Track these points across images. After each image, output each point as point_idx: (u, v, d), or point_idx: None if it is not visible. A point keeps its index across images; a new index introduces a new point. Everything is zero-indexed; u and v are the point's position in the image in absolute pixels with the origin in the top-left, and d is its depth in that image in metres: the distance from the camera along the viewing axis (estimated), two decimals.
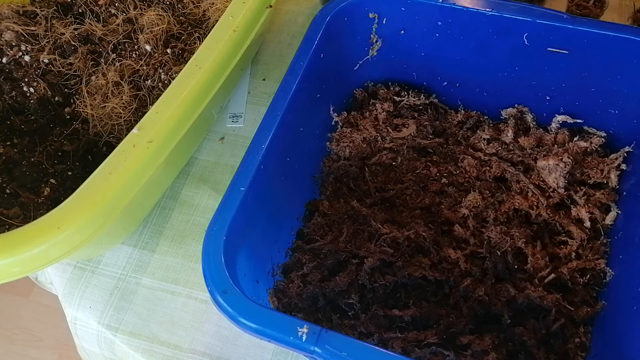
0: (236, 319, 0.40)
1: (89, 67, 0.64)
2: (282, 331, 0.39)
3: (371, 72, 0.66)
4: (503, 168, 0.60)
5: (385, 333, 0.50)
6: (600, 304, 0.52)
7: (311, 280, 0.54)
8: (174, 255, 0.61)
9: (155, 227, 0.63)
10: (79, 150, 0.60)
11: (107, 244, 0.60)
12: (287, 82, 0.53)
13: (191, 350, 0.55)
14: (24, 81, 0.63)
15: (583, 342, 0.50)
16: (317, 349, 0.38)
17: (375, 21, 0.62)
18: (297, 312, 0.52)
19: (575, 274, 0.53)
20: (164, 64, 0.63)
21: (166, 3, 0.70)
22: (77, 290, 0.59)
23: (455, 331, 0.50)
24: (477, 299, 0.51)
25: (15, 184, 0.56)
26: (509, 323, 0.50)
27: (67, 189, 0.56)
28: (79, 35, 0.66)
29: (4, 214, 0.53)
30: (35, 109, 0.63)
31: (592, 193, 0.58)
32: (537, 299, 0.51)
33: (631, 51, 0.54)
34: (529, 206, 0.57)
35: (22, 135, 0.61)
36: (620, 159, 0.59)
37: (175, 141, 0.52)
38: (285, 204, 0.57)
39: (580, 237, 0.55)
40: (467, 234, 0.56)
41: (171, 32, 0.66)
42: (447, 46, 0.61)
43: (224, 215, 0.45)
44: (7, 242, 0.43)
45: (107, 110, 0.60)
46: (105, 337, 0.58)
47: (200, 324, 0.57)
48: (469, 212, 0.57)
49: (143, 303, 0.58)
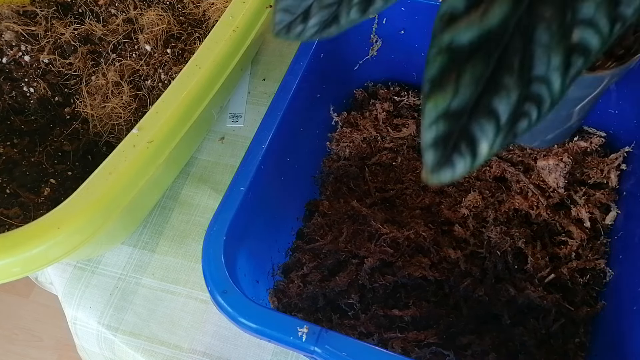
0: (236, 319, 0.40)
1: (89, 67, 0.64)
2: (282, 331, 0.40)
3: (371, 72, 0.66)
4: (503, 168, 0.60)
5: (385, 333, 0.50)
6: (600, 304, 0.52)
7: (311, 280, 0.54)
8: (174, 255, 0.61)
9: (155, 227, 0.63)
10: (79, 150, 0.60)
11: (107, 244, 0.60)
12: (287, 82, 0.53)
13: (191, 350, 0.55)
14: (24, 81, 0.63)
15: (583, 342, 0.50)
16: (317, 349, 0.39)
17: (375, 21, 0.62)
18: (297, 312, 0.52)
19: (575, 274, 0.53)
20: (164, 64, 0.63)
21: (166, 3, 0.70)
22: (77, 290, 0.59)
23: (455, 331, 0.50)
24: (477, 299, 0.51)
25: (15, 184, 0.56)
26: (509, 323, 0.50)
27: (67, 189, 0.56)
28: (79, 35, 0.66)
29: (4, 214, 0.53)
30: (35, 109, 0.63)
31: (592, 193, 0.58)
32: (537, 299, 0.51)
33: None
34: (529, 206, 0.57)
35: (22, 135, 0.61)
36: (620, 159, 0.59)
37: (175, 141, 0.52)
38: (285, 204, 0.57)
39: (580, 237, 0.55)
40: (467, 234, 0.56)
41: (171, 32, 0.66)
42: None
43: (224, 215, 0.45)
44: (7, 242, 0.43)
45: (107, 110, 0.60)
46: (105, 337, 0.58)
47: (200, 324, 0.57)
48: (469, 212, 0.57)
49: (143, 303, 0.58)
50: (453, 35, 0.20)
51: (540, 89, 0.20)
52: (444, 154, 0.21)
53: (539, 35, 0.20)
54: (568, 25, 0.20)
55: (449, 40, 0.20)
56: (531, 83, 0.20)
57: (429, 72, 0.21)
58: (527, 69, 0.20)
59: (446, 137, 0.21)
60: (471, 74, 0.20)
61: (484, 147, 0.20)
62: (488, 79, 0.20)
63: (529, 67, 0.20)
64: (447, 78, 0.20)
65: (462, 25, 0.20)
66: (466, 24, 0.20)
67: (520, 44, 0.20)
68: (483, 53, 0.20)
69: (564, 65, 0.20)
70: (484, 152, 0.20)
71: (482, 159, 0.21)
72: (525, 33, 0.20)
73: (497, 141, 0.20)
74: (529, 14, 0.20)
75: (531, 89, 0.20)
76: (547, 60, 0.20)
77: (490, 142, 0.20)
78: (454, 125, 0.21)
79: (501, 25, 0.20)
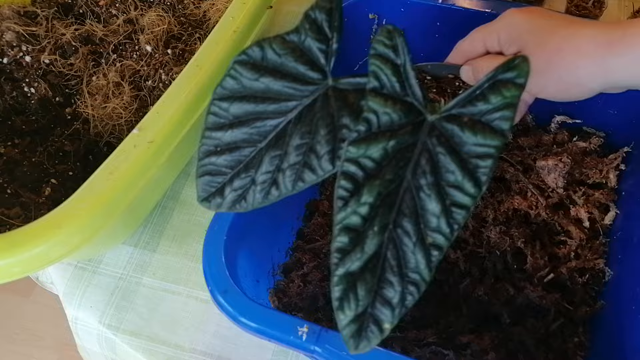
0: (237, 319, 0.41)
1: (89, 67, 0.64)
2: (282, 331, 0.40)
3: None
4: (502, 168, 0.60)
5: None
6: (599, 303, 0.52)
7: (311, 279, 0.54)
8: (175, 255, 0.61)
9: (156, 226, 0.63)
10: (80, 151, 0.60)
11: (108, 244, 0.60)
12: None
13: (192, 349, 0.55)
14: (24, 81, 0.63)
15: (582, 341, 0.50)
16: (317, 349, 0.39)
17: (375, 22, 0.62)
18: (297, 312, 0.52)
19: (575, 274, 0.53)
20: (164, 65, 0.63)
21: (167, 4, 0.70)
22: (78, 290, 0.59)
23: (454, 330, 0.50)
24: (476, 298, 0.51)
25: (16, 184, 0.56)
26: (508, 323, 0.51)
27: (68, 189, 0.56)
28: (80, 36, 0.66)
29: (5, 214, 0.53)
30: (36, 109, 0.63)
31: (591, 193, 0.58)
32: (536, 299, 0.51)
33: None
34: (528, 206, 0.57)
35: (23, 136, 0.61)
36: (619, 159, 0.59)
37: (176, 141, 0.52)
38: (285, 203, 0.57)
39: (579, 237, 0.55)
40: (466, 234, 0.56)
41: (172, 32, 0.66)
42: (447, 46, 0.61)
43: (224, 215, 0.45)
44: (8, 242, 0.43)
45: (107, 110, 0.60)
46: (106, 337, 0.58)
47: (200, 324, 0.57)
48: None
49: (144, 303, 0.58)
50: (347, 266, 0.30)
51: (415, 276, 0.30)
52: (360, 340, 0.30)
53: (406, 244, 0.30)
54: (422, 233, 0.30)
55: (344, 270, 0.30)
56: (408, 274, 0.30)
57: (334, 295, 0.31)
58: (403, 267, 0.30)
59: (359, 330, 0.30)
60: (364, 286, 0.30)
61: (386, 324, 0.30)
62: (379, 280, 0.30)
63: (405, 265, 0.30)
64: (348, 295, 0.30)
65: (352, 257, 0.30)
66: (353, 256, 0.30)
67: (394, 252, 0.30)
68: (369, 270, 0.30)
69: (427, 260, 0.30)
70: (388, 327, 0.30)
71: (387, 332, 0.30)
72: (395, 245, 0.30)
73: (394, 317, 0.30)
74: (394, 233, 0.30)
75: (409, 277, 0.30)
76: (415, 258, 0.30)
77: (390, 320, 0.30)
78: (362, 322, 0.30)
79: (376, 251, 0.30)
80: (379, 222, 0.30)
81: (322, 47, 0.34)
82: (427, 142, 0.30)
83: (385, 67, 0.31)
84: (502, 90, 0.29)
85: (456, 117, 0.30)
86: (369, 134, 0.30)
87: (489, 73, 0.30)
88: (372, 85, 0.31)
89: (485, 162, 0.29)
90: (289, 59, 0.34)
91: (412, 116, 0.30)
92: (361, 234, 0.30)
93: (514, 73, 0.29)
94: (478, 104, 0.30)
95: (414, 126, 0.30)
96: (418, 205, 0.30)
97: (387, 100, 0.31)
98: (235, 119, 0.35)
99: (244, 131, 0.35)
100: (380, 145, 0.30)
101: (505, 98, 0.29)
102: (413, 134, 0.30)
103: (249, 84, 0.34)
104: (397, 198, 0.30)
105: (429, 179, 0.30)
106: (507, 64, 0.29)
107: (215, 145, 0.36)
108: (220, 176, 0.36)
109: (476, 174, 0.29)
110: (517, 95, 0.29)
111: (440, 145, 0.30)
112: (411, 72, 0.31)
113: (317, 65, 0.34)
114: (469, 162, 0.29)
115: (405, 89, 0.31)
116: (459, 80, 0.48)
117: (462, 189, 0.29)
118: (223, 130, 0.35)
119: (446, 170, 0.30)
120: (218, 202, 0.36)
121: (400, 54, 0.31)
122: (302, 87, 0.34)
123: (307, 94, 0.34)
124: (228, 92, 0.35)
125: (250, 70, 0.34)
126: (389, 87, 0.31)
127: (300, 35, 0.34)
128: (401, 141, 0.30)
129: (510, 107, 0.29)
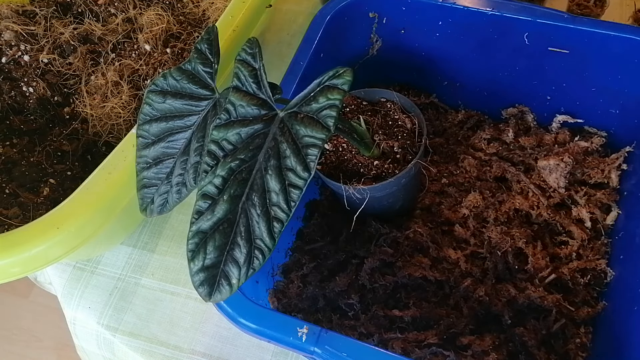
0: (236, 320, 0.40)
1: (88, 66, 0.64)
2: (281, 331, 0.39)
3: (371, 72, 0.66)
4: (503, 168, 0.60)
5: (385, 333, 0.50)
6: (601, 304, 0.52)
7: (311, 280, 0.53)
8: (174, 255, 0.61)
9: (154, 227, 0.63)
10: (79, 150, 0.60)
11: (107, 244, 0.60)
12: (287, 82, 0.53)
13: (191, 350, 0.55)
14: (23, 81, 0.63)
15: (584, 342, 0.50)
16: (317, 350, 0.38)
17: (375, 21, 0.61)
18: (297, 313, 0.52)
19: (576, 274, 0.53)
20: (163, 64, 0.63)
21: (166, 2, 0.70)
22: (76, 290, 0.59)
23: (455, 331, 0.50)
24: (477, 299, 0.51)
25: (14, 183, 0.56)
26: (510, 323, 0.50)
27: (67, 188, 0.56)
28: (79, 35, 0.66)
29: (4, 214, 0.53)
30: (34, 109, 0.63)
31: (593, 193, 0.58)
32: (537, 299, 0.51)
33: (632, 51, 0.54)
34: (529, 206, 0.57)
35: (22, 135, 0.61)
36: (621, 159, 0.59)
37: None
38: None
39: (581, 237, 0.55)
40: (467, 234, 0.56)
41: (171, 31, 0.66)
42: (448, 46, 0.61)
43: None
44: (7, 242, 0.43)
45: (106, 110, 0.60)
46: (104, 338, 0.58)
47: (199, 325, 0.57)
48: (469, 212, 0.57)
49: (142, 303, 0.58)
50: (199, 225, 0.36)
51: (260, 243, 0.36)
52: (211, 288, 0.36)
53: (253, 215, 0.36)
54: (267, 207, 0.36)
55: (197, 228, 0.36)
56: (255, 241, 0.36)
57: (189, 247, 0.36)
58: (251, 234, 0.36)
59: (209, 279, 0.36)
60: (212, 244, 0.36)
61: (234, 280, 0.36)
62: (230, 242, 0.36)
63: (252, 232, 0.36)
64: (199, 249, 0.36)
65: (203, 218, 0.36)
66: (204, 217, 0.36)
67: (245, 221, 0.36)
68: (220, 232, 0.36)
69: (268, 229, 0.36)
70: (235, 283, 0.36)
71: (236, 287, 0.36)
72: (246, 215, 0.36)
73: (241, 275, 0.36)
74: (246, 205, 0.36)
75: (256, 243, 0.36)
76: (259, 227, 0.36)
77: (237, 277, 0.36)
78: (211, 273, 0.36)
79: (225, 216, 0.36)
80: (228, 192, 0.36)
81: (208, 70, 0.42)
82: (277, 132, 0.37)
83: (245, 70, 0.38)
84: (327, 93, 0.36)
85: (297, 114, 0.36)
86: (228, 121, 0.37)
87: (321, 78, 0.36)
88: (235, 83, 0.38)
89: (312, 151, 0.35)
90: (185, 82, 0.42)
91: (266, 110, 0.37)
92: (215, 200, 0.36)
93: (340, 80, 0.36)
94: (312, 104, 0.36)
95: (268, 118, 0.37)
96: (265, 183, 0.36)
97: (244, 96, 0.37)
98: (156, 137, 0.43)
99: (163, 146, 0.43)
100: (235, 130, 0.37)
101: (329, 100, 0.36)
102: (266, 125, 0.37)
103: (160, 107, 0.43)
104: (250, 176, 0.36)
105: (273, 163, 0.36)
106: (335, 72, 0.36)
107: (145, 162, 0.44)
108: (153, 187, 0.44)
109: (306, 160, 0.35)
110: (340, 99, 0.35)
111: (283, 135, 0.36)
112: (264, 75, 0.38)
113: (206, 84, 0.42)
114: (302, 150, 0.36)
115: (261, 88, 0.38)
116: (391, 102, 0.53)
117: (296, 172, 0.35)
118: (148, 148, 0.43)
119: (285, 156, 0.36)
120: (151, 208, 0.44)
121: (258, 61, 0.38)
122: (197, 103, 0.42)
123: (203, 107, 0.42)
124: (147, 116, 0.43)
125: (158, 95, 0.43)
126: (247, 86, 0.38)
127: (192, 63, 0.42)
128: (253, 129, 0.37)
129: (333, 108, 0.35)
